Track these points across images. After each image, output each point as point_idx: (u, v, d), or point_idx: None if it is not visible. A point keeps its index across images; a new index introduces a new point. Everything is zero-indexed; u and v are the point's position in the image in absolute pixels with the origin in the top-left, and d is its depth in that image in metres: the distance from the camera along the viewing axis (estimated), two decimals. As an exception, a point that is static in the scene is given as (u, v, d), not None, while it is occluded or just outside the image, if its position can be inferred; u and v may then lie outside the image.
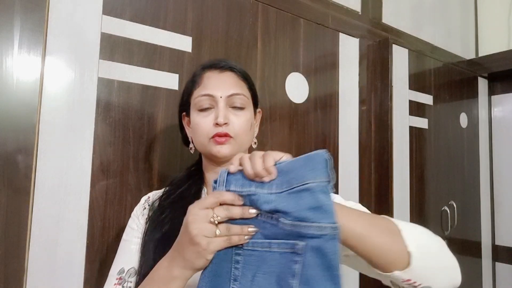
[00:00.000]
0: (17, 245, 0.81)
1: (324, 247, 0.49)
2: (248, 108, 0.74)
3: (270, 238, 0.52)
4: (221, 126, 0.68)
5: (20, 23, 0.84)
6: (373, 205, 1.53)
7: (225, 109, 0.70)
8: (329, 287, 0.49)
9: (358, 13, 1.57)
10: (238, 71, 0.75)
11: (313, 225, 0.49)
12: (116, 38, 0.96)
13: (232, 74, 0.74)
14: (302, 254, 0.50)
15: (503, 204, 2.07)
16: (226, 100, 0.70)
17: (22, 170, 0.82)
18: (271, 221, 0.52)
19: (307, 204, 0.49)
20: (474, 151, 2.02)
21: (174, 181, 0.79)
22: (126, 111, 0.96)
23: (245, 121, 0.72)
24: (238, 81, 0.74)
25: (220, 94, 0.70)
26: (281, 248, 0.51)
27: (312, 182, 0.50)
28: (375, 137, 1.56)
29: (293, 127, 1.30)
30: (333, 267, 0.49)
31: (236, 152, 0.71)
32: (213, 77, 0.73)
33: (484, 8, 2.25)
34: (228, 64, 0.75)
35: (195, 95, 0.72)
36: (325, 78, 1.41)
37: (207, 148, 0.70)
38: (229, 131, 0.69)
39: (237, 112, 0.71)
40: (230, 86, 0.72)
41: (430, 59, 1.79)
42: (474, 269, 1.95)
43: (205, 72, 0.74)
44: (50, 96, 0.87)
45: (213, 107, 0.71)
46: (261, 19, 1.24)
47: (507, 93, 2.11)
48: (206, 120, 0.70)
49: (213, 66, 0.74)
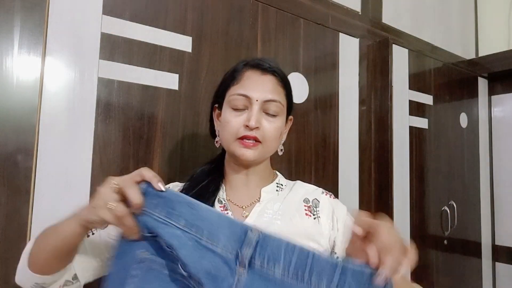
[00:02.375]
0: (17, 245, 0.81)
1: None
2: (281, 115, 0.72)
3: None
4: (252, 130, 0.67)
5: (20, 23, 0.84)
6: (373, 205, 1.53)
7: (259, 113, 0.68)
8: None
9: (358, 13, 1.57)
10: (280, 76, 0.74)
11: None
12: (116, 38, 0.96)
13: (273, 79, 0.72)
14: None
15: (503, 204, 2.07)
16: (262, 104, 0.69)
17: (22, 170, 0.82)
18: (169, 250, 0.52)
19: (207, 266, 0.50)
20: (474, 151, 2.02)
21: (195, 175, 0.78)
22: (126, 111, 0.96)
23: (276, 128, 0.71)
24: (277, 87, 0.72)
25: (257, 97, 0.68)
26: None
27: (221, 249, 0.51)
28: (375, 137, 1.56)
29: (293, 127, 1.29)
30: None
31: (260, 158, 0.71)
32: (253, 77, 0.71)
33: (484, 8, 2.24)
34: (271, 67, 0.73)
35: (232, 91, 0.71)
36: (325, 78, 1.41)
37: (231, 148, 0.70)
38: (258, 136, 0.68)
39: (269, 118, 0.70)
40: (269, 91, 0.70)
41: (430, 59, 1.79)
42: (474, 269, 1.95)
43: (247, 70, 0.72)
44: (50, 96, 0.87)
45: (246, 108, 0.69)
46: (261, 19, 1.24)
47: (507, 93, 2.11)
48: (238, 119, 0.69)
49: (256, 66, 0.72)
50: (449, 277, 1.78)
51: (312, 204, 0.74)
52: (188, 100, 1.06)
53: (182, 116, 1.05)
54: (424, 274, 1.66)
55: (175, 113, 1.04)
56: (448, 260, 1.78)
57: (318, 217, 0.72)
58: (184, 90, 1.06)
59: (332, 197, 0.78)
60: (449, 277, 1.78)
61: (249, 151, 0.68)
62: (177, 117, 1.04)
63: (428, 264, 1.68)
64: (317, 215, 0.72)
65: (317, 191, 0.78)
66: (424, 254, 1.67)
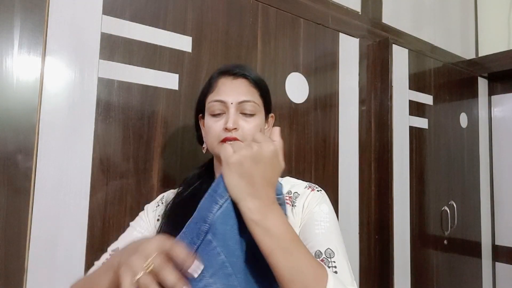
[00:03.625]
0: (17, 245, 0.81)
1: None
2: (258, 114, 0.76)
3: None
4: (230, 131, 0.71)
5: (20, 23, 0.84)
6: (373, 205, 1.53)
7: (235, 114, 0.72)
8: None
9: (358, 13, 1.57)
10: (252, 78, 0.77)
11: None
12: (116, 38, 0.96)
13: (244, 81, 0.76)
14: None
15: (503, 204, 2.07)
16: (237, 106, 0.73)
17: (22, 170, 0.82)
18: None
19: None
20: (474, 151, 2.02)
21: (187, 180, 0.82)
22: (126, 111, 0.96)
23: (254, 126, 0.74)
24: (250, 88, 0.76)
25: (231, 101, 0.73)
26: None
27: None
28: (375, 137, 1.56)
29: (293, 127, 1.30)
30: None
31: None
32: (226, 83, 0.75)
33: (484, 8, 2.25)
34: (241, 71, 0.77)
35: (209, 99, 0.75)
36: (325, 78, 1.41)
37: (216, 151, 0.73)
38: (238, 136, 0.71)
39: (247, 118, 0.74)
40: (242, 93, 0.74)
41: (430, 59, 1.79)
42: (474, 269, 1.95)
43: (220, 77, 0.76)
44: (50, 96, 0.87)
45: (224, 113, 0.73)
46: (261, 19, 1.24)
47: (507, 93, 2.11)
48: (217, 124, 0.73)
49: (227, 73, 0.76)
50: (449, 277, 1.78)
51: (293, 196, 0.78)
52: (188, 100, 1.06)
53: (182, 116, 1.05)
54: (424, 274, 1.66)
55: (175, 113, 1.04)
56: (448, 260, 1.78)
57: (295, 206, 0.76)
58: (184, 90, 1.06)
59: (316, 190, 0.79)
60: (449, 277, 1.78)
61: None
62: (177, 117, 1.04)
63: (428, 264, 1.68)
64: (294, 204, 0.76)
65: (301, 185, 0.80)
66: (424, 254, 1.67)
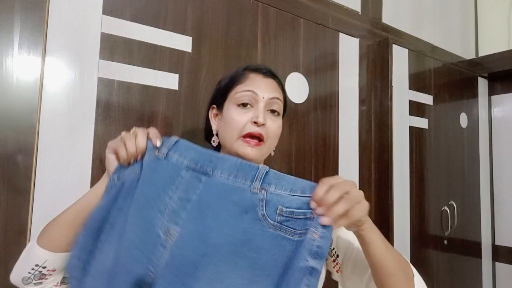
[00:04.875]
0: (17, 245, 0.81)
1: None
2: (281, 115, 0.76)
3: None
4: (259, 126, 0.70)
5: (20, 23, 0.84)
6: (373, 205, 1.53)
7: (264, 110, 0.72)
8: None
9: (358, 13, 1.57)
10: (279, 80, 0.79)
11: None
12: (116, 38, 0.96)
13: (274, 82, 0.76)
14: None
15: (503, 204, 2.07)
16: (267, 102, 0.72)
17: (22, 170, 0.82)
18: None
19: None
20: (474, 151, 2.02)
21: None
22: (126, 111, 0.96)
23: (278, 127, 0.74)
24: (278, 89, 0.77)
25: (263, 95, 0.72)
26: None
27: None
28: (375, 137, 1.56)
29: (293, 127, 1.30)
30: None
31: (262, 157, 0.73)
32: (257, 79, 0.74)
33: (484, 8, 2.25)
34: (270, 71, 0.78)
35: (237, 89, 0.73)
36: (325, 78, 1.41)
37: (234, 145, 0.71)
38: (263, 133, 0.70)
39: (272, 117, 0.73)
40: (273, 90, 0.74)
41: (430, 59, 1.79)
42: (474, 269, 1.95)
43: (249, 73, 0.76)
44: (50, 96, 0.87)
45: (252, 106, 0.72)
46: (261, 19, 1.24)
47: (507, 93, 2.11)
48: (244, 116, 0.70)
49: (257, 70, 0.76)
50: (449, 277, 1.78)
51: None
52: (188, 100, 1.06)
53: (182, 116, 1.05)
54: (424, 274, 1.66)
55: (175, 113, 1.04)
56: (448, 260, 1.78)
57: None
58: (184, 90, 1.06)
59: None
60: (449, 277, 1.78)
61: (253, 150, 0.70)
62: (177, 117, 1.04)
63: (428, 264, 1.68)
64: None
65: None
66: (424, 254, 1.67)
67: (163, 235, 0.58)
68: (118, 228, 0.61)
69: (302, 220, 0.55)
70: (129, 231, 0.59)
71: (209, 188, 0.60)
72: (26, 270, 0.62)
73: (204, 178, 0.61)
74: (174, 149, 0.65)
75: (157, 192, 0.61)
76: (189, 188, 0.61)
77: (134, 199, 0.61)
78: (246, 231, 0.56)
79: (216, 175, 0.61)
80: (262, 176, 0.59)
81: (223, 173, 0.61)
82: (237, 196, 0.58)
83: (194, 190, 0.61)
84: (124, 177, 0.64)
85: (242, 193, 0.59)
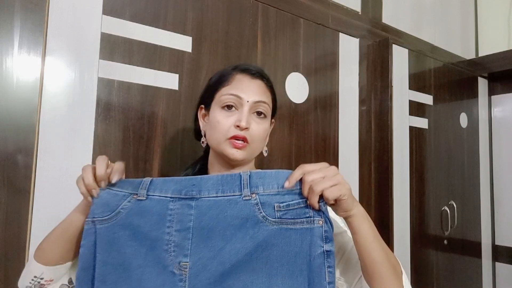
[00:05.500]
0: (17, 245, 0.81)
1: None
2: (267, 117, 0.76)
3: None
4: (242, 130, 0.70)
5: (20, 23, 0.84)
6: (373, 205, 1.53)
7: (248, 114, 0.71)
8: None
9: (358, 13, 1.57)
10: (267, 81, 0.78)
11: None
12: (116, 38, 0.96)
13: (261, 83, 0.76)
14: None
15: (503, 204, 2.07)
16: (252, 105, 0.72)
17: (22, 170, 0.82)
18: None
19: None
20: (474, 151, 2.02)
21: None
22: (126, 111, 0.96)
23: (263, 129, 0.74)
24: (265, 91, 0.76)
25: (248, 98, 0.71)
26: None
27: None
28: (375, 137, 1.56)
29: (293, 127, 1.30)
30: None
31: (248, 158, 0.74)
32: (244, 80, 0.74)
33: (484, 8, 2.25)
34: (259, 72, 0.77)
35: (223, 92, 0.73)
36: (325, 78, 1.41)
37: (221, 147, 0.71)
38: (247, 136, 0.70)
39: (258, 120, 0.73)
40: (259, 93, 0.73)
41: (430, 59, 1.79)
42: (474, 269, 1.95)
43: (237, 73, 0.75)
44: (50, 96, 0.87)
45: (236, 109, 0.72)
46: (261, 19, 1.24)
47: (507, 93, 2.11)
48: (228, 120, 0.71)
49: (245, 71, 0.76)
50: (449, 277, 1.78)
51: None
52: (188, 100, 1.06)
53: (182, 116, 1.05)
54: (424, 274, 1.66)
55: (175, 113, 1.04)
56: (448, 260, 1.78)
57: None
58: (184, 90, 1.06)
59: None
60: (449, 277, 1.78)
61: (239, 151, 0.70)
62: (177, 117, 1.04)
63: (428, 264, 1.68)
64: None
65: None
66: (424, 254, 1.67)
67: (177, 271, 0.59)
68: (111, 282, 0.60)
69: (298, 209, 0.60)
70: (140, 282, 0.59)
71: (201, 211, 0.61)
72: (27, 281, 0.67)
73: (194, 202, 0.61)
74: (152, 188, 0.63)
75: (153, 233, 0.61)
76: (182, 218, 0.61)
77: (125, 251, 0.61)
78: (253, 237, 0.59)
79: (204, 196, 0.61)
80: (247, 181, 0.61)
81: (210, 192, 0.61)
82: (232, 209, 0.60)
83: (188, 218, 0.61)
84: (96, 222, 0.63)
85: (235, 204, 0.60)
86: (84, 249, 0.63)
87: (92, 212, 0.63)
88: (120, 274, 0.60)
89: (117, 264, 0.61)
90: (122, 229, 0.62)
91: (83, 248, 0.63)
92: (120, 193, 0.63)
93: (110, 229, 0.62)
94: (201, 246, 0.59)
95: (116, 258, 0.61)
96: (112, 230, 0.62)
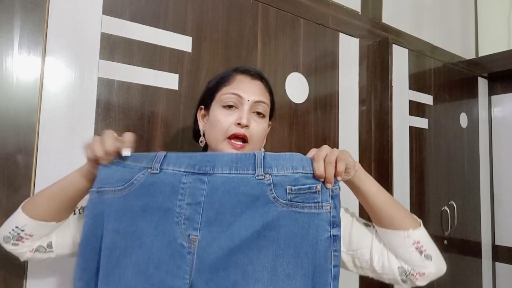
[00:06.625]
0: (17, 245, 0.81)
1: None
2: (266, 118, 0.77)
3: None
4: (242, 128, 0.71)
5: (20, 23, 0.84)
6: (373, 205, 1.53)
7: (249, 112, 0.73)
8: None
9: (358, 13, 1.57)
10: (266, 83, 0.79)
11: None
12: (116, 38, 0.96)
13: (261, 84, 0.77)
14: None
15: (503, 204, 2.07)
16: (252, 105, 0.73)
17: (22, 170, 0.82)
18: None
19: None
20: (474, 151, 2.02)
21: None
22: (126, 111, 0.96)
23: (262, 129, 0.75)
24: (265, 92, 0.78)
25: (248, 98, 0.73)
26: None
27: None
28: (375, 137, 1.56)
29: (293, 127, 1.30)
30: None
31: None
32: (244, 81, 0.76)
33: (484, 8, 2.25)
34: (259, 74, 0.79)
35: (224, 91, 0.74)
36: (325, 78, 1.41)
37: (220, 147, 0.72)
38: (247, 134, 0.71)
39: (257, 119, 0.74)
40: (258, 93, 0.75)
41: (430, 59, 1.79)
42: (474, 269, 1.95)
43: (237, 75, 0.77)
44: (50, 96, 0.87)
45: (237, 108, 0.73)
46: (261, 19, 1.24)
47: (507, 93, 2.11)
48: (228, 118, 0.72)
49: (246, 72, 0.77)
50: (449, 277, 1.78)
51: None
52: (188, 100, 1.06)
53: (182, 116, 1.05)
54: (424, 274, 1.66)
55: (175, 113, 1.04)
56: (448, 260, 1.77)
57: None
58: (184, 90, 1.06)
59: None
60: (449, 277, 1.78)
61: (238, 151, 0.71)
62: (177, 117, 1.04)
63: (428, 264, 1.68)
64: None
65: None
66: (424, 254, 1.67)
67: (186, 243, 0.59)
68: (121, 250, 0.61)
69: (308, 194, 0.62)
70: (150, 250, 0.60)
71: (214, 186, 0.61)
72: (7, 230, 0.67)
73: (207, 178, 0.62)
74: (166, 162, 0.64)
75: (165, 205, 0.61)
76: (194, 192, 0.61)
77: (137, 220, 0.61)
78: (262, 216, 0.60)
79: (217, 172, 0.62)
80: (261, 161, 0.62)
81: (224, 168, 0.62)
82: (245, 187, 0.61)
83: (200, 192, 0.61)
84: (105, 192, 0.64)
85: (248, 182, 0.61)
86: (88, 219, 0.63)
87: (99, 181, 0.64)
88: (131, 242, 0.61)
89: (128, 232, 0.61)
90: (135, 199, 0.62)
91: (88, 218, 0.63)
92: (135, 167, 0.64)
93: (122, 199, 0.63)
94: (211, 221, 0.60)
95: (127, 227, 0.61)
96: (125, 199, 0.63)
